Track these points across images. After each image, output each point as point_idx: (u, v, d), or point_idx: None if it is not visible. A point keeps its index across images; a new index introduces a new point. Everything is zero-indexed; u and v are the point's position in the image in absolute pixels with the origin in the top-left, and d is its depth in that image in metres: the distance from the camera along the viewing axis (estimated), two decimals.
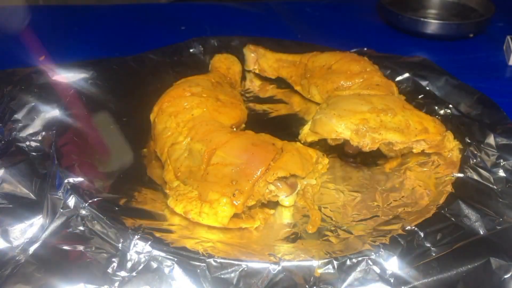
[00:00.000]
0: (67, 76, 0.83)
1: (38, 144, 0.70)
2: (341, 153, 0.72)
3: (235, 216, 0.57)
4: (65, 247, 0.54)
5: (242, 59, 0.92)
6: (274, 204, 0.63)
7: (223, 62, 0.87)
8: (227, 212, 0.56)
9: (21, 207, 0.60)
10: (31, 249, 0.54)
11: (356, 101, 0.69)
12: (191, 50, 0.95)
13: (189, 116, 0.68)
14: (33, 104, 0.75)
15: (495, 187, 0.65)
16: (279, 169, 0.59)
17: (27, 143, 0.70)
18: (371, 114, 0.66)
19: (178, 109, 0.69)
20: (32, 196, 0.62)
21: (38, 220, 0.58)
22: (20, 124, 0.73)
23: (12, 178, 0.63)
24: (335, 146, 0.71)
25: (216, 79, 0.79)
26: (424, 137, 0.67)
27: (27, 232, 0.57)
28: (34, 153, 0.69)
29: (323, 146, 0.72)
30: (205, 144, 0.62)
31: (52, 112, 0.75)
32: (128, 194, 0.62)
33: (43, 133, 0.72)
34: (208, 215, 0.56)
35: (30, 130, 0.72)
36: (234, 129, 0.71)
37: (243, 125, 0.75)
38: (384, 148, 0.69)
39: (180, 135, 0.66)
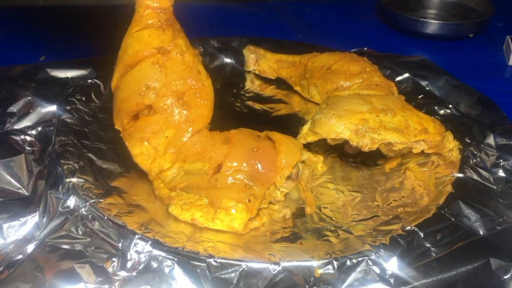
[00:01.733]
0: (66, 73, 0.83)
1: (33, 139, 0.70)
2: (341, 153, 0.72)
3: None
4: (65, 246, 0.53)
5: (242, 60, 0.92)
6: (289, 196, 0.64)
7: None
8: (243, 218, 0.57)
9: (13, 202, 0.60)
10: (30, 248, 0.54)
11: (355, 101, 0.69)
12: None
13: (164, 139, 0.64)
14: (29, 98, 0.75)
15: (495, 187, 0.65)
16: (284, 169, 0.60)
17: (22, 137, 0.69)
18: (371, 114, 0.66)
19: (147, 135, 0.64)
20: (24, 192, 0.61)
21: (32, 218, 0.58)
22: (15, 117, 0.72)
23: (4, 172, 0.62)
24: (335, 146, 0.71)
25: (157, 20, 0.62)
26: (423, 137, 0.67)
27: (21, 229, 0.57)
28: (29, 148, 0.68)
29: (322, 146, 0.72)
30: (205, 161, 0.62)
31: (48, 108, 0.75)
32: (129, 194, 0.62)
33: (39, 128, 0.71)
34: (223, 221, 0.57)
35: (25, 124, 0.72)
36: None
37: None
38: (384, 148, 0.69)
39: (165, 162, 0.64)
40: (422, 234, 0.56)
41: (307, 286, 0.51)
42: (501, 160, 0.69)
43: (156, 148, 0.64)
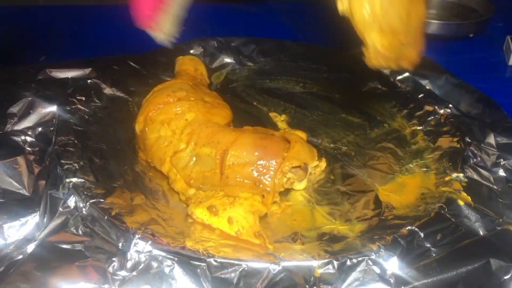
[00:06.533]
0: (66, 73, 0.83)
1: (34, 140, 0.69)
2: (341, 153, 0.72)
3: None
4: (65, 246, 0.54)
5: (242, 60, 0.92)
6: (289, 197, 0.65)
7: (189, 64, 0.85)
8: (261, 209, 0.59)
9: (14, 203, 0.60)
10: (30, 248, 0.54)
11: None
12: (191, 51, 0.95)
13: (183, 121, 0.67)
14: (29, 98, 0.74)
15: (495, 187, 0.65)
16: (293, 159, 0.61)
17: (22, 137, 0.69)
18: None
19: (170, 116, 0.68)
20: (25, 192, 0.61)
21: (33, 218, 0.58)
22: (15, 118, 0.72)
23: (5, 172, 0.62)
24: (336, 146, 0.71)
25: (191, 81, 0.78)
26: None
27: (22, 229, 0.57)
28: (29, 149, 0.68)
29: (323, 147, 0.72)
30: (213, 146, 0.63)
31: (49, 108, 0.74)
32: (129, 194, 0.62)
33: (40, 128, 0.71)
34: (242, 205, 0.58)
35: (25, 124, 0.71)
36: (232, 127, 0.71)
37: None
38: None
39: (180, 142, 0.65)
40: (422, 234, 0.56)
41: (307, 286, 0.51)
42: (502, 160, 0.68)
43: (174, 131, 0.66)
